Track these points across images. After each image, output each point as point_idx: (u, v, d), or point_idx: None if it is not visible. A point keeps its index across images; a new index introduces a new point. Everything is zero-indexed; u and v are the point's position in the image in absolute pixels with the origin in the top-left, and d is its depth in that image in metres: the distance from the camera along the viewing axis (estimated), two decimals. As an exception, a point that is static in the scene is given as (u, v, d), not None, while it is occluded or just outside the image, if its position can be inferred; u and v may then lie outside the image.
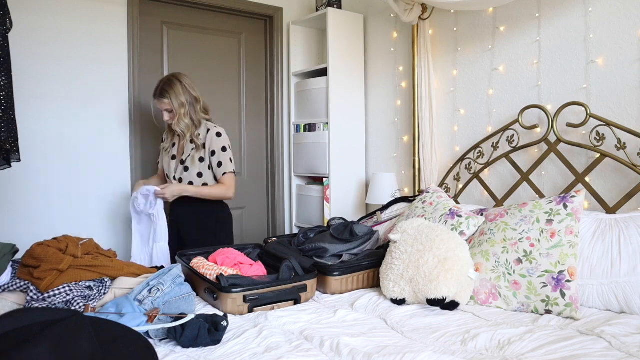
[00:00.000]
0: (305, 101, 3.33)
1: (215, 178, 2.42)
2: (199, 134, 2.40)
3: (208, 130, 2.41)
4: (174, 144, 2.49)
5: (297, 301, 1.75)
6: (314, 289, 1.82)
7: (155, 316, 1.45)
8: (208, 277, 1.73)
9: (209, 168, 2.40)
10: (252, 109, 3.43)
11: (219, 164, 2.39)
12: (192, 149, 2.40)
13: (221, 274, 1.70)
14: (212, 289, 1.67)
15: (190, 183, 2.40)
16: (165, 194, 2.30)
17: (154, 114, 2.58)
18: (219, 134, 2.41)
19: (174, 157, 2.46)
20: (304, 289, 1.75)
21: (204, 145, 2.39)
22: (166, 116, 2.37)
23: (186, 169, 2.40)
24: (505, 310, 1.70)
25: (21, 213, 2.58)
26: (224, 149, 2.40)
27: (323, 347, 1.35)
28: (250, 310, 1.65)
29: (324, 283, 1.88)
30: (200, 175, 2.40)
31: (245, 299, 1.63)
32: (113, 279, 1.69)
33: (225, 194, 2.40)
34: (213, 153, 2.39)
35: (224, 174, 2.40)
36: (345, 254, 2.03)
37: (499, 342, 1.38)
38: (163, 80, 2.38)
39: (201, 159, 2.39)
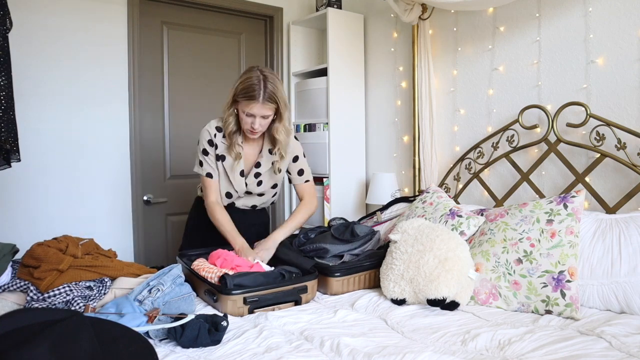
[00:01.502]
0: (305, 101, 3.33)
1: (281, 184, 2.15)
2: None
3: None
4: (238, 155, 2.04)
5: (297, 302, 1.75)
6: (315, 290, 1.81)
7: (155, 316, 1.45)
8: (209, 279, 1.73)
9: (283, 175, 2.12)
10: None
11: (300, 172, 2.13)
12: (274, 162, 2.06)
13: (225, 273, 1.69)
14: (212, 290, 1.67)
15: (261, 195, 2.15)
16: (262, 257, 1.94)
17: (227, 108, 1.98)
18: (296, 138, 2.12)
19: (242, 173, 2.07)
20: (304, 290, 1.75)
21: (283, 156, 2.06)
22: (258, 123, 1.91)
23: (260, 183, 2.10)
24: (506, 311, 1.70)
25: (21, 213, 2.58)
26: (304, 155, 2.14)
27: (323, 347, 1.35)
28: (251, 312, 1.65)
29: (325, 284, 1.88)
30: (274, 186, 2.14)
31: (245, 301, 1.63)
32: (113, 279, 1.69)
33: (311, 210, 2.14)
34: (296, 159, 2.12)
35: (307, 181, 2.15)
36: (346, 254, 2.02)
37: (499, 342, 1.38)
38: (261, 79, 1.87)
39: (278, 170, 2.08)
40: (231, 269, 1.79)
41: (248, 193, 2.12)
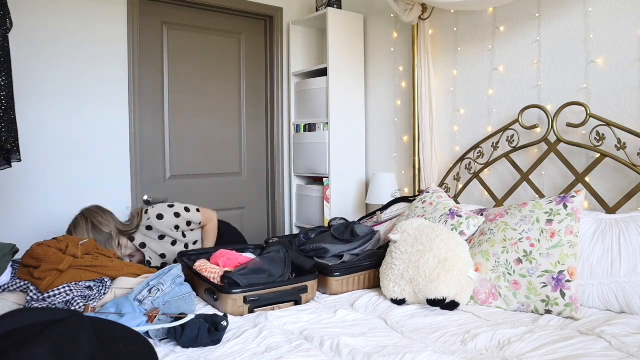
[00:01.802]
0: (305, 101, 3.33)
1: (184, 241, 2.33)
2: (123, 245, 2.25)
3: (149, 227, 2.25)
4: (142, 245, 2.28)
5: (297, 302, 1.75)
6: (315, 290, 1.82)
7: (155, 316, 1.45)
8: (211, 279, 1.73)
9: (173, 244, 2.28)
10: (252, 109, 3.43)
11: (174, 243, 2.29)
12: (140, 243, 2.25)
13: (227, 270, 1.70)
14: (212, 289, 1.67)
15: (163, 256, 2.29)
16: None
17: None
18: (158, 216, 2.24)
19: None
20: (304, 290, 1.75)
21: (150, 230, 2.25)
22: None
23: (163, 256, 2.28)
24: (505, 310, 1.70)
25: (21, 213, 2.58)
26: (177, 215, 2.27)
27: (323, 347, 1.35)
28: (251, 311, 1.65)
29: (325, 284, 1.88)
30: (163, 256, 2.28)
31: (245, 300, 1.63)
32: (113, 279, 1.69)
33: (212, 227, 2.35)
34: (177, 227, 2.26)
35: (200, 223, 2.32)
36: (346, 254, 2.02)
37: (499, 342, 1.38)
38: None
39: (161, 237, 2.26)
40: (235, 267, 1.79)
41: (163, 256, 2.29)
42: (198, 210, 2.33)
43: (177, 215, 2.26)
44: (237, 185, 3.36)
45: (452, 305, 1.66)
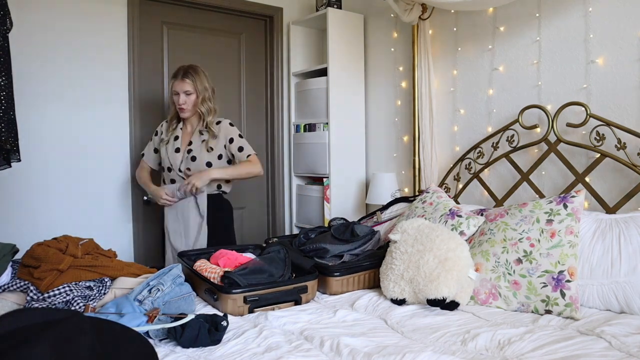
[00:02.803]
0: (305, 101, 3.33)
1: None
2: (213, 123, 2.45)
3: (218, 121, 2.46)
4: (176, 137, 2.46)
5: (297, 302, 1.75)
6: (315, 290, 1.82)
7: (155, 316, 1.45)
8: (211, 279, 1.72)
9: (219, 158, 2.41)
10: (252, 109, 3.43)
11: (240, 149, 2.42)
12: (203, 140, 2.41)
13: (227, 270, 1.70)
14: (212, 289, 1.67)
15: (209, 164, 2.41)
16: (193, 182, 2.28)
17: (171, 98, 2.47)
18: (231, 124, 2.47)
19: (177, 150, 2.44)
20: (304, 290, 1.75)
21: (214, 136, 2.41)
22: (182, 99, 2.36)
23: (193, 158, 2.40)
24: (505, 310, 1.70)
25: (21, 213, 2.58)
26: (240, 136, 2.45)
27: (323, 347, 1.35)
28: (251, 311, 1.65)
29: (325, 284, 1.88)
30: (209, 164, 2.39)
31: (245, 300, 1.63)
32: (113, 279, 1.69)
33: (253, 170, 2.42)
34: (231, 140, 2.42)
35: (248, 155, 2.43)
36: (346, 254, 2.02)
37: (499, 342, 1.38)
38: (184, 66, 2.41)
39: (210, 149, 2.40)
40: (234, 267, 1.79)
41: (188, 169, 2.40)
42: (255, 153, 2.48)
43: (240, 136, 2.46)
44: (237, 185, 3.36)
45: (452, 305, 1.66)
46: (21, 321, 0.86)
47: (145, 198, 2.98)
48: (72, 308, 1.51)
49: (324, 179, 3.19)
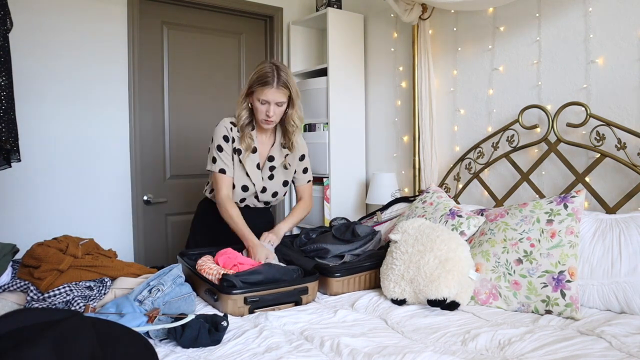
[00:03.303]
0: (305, 101, 3.33)
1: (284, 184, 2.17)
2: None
3: None
4: (254, 150, 2.09)
5: (298, 303, 1.75)
6: (315, 291, 1.81)
7: (156, 316, 1.45)
8: (209, 278, 1.73)
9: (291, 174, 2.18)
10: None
11: (305, 170, 2.20)
12: (286, 155, 2.13)
13: (225, 273, 1.69)
14: (213, 290, 1.67)
15: (275, 194, 2.17)
16: (273, 242, 2.04)
17: (242, 102, 2.04)
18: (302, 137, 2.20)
19: (258, 166, 2.10)
20: (305, 291, 1.75)
21: (292, 150, 2.14)
22: (272, 110, 1.97)
23: (272, 177, 2.13)
24: (506, 311, 1.70)
25: (21, 213, 2.58)
26: (308, 154, 2.22)
27: (323, 347, 1.35)
28: (251, 312, 1.65)
29: (325, 284, 1.88)
30: (285, 184, 2.17)
31: (246, 301, 1.63)
32: (113, 279, 1.69)
33: (309, 209, 2.22)
34: (302, 158, 2.19)
35: (308, 181, 2.21)
36: (347, 254, 2.02)
37: (499, 342, 1.38)
38: (272, 66, 1.98)
39: (288, 166, 2.16)
40: (233, 266, 1.78)
41: (263, 190, 2.12)
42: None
43: (308, 154, 2.21)
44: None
45: (453, 306, 1.66)
46: (21, 321, 0.86)
47: (145, 198, 2.98)
48: (72, 308, 1.51)
49: (324, 179, 3.19)
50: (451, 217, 2.06)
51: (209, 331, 1.37)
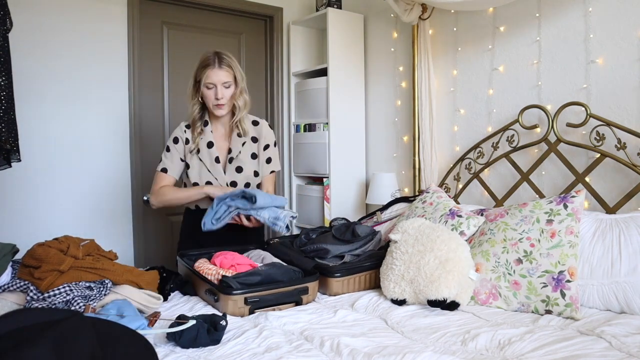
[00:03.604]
0: (305, 101, 3.33)
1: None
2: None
3: (255, 121, 2.13)
4: (210, 144, 2.06)
5: (298, 303, 1.75)
6: (316, 291, 1.81)
7: (156, 320, 1.45)
8: (208, 278, 1.73)
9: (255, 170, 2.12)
10: (252, 109, 3.40)
11: (268, 160, 2.12)
12: (244, 143, 2.07)
13: (224, 275, 1.69)
14: (213, 290, 1.67)
15: (247, 185, 2.10)
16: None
17: (192, 97, 2.04)
18: (270, 126, 2.16)
19: (217, 160, 2.06)
20: (305, 291, 1.74)
21: (254, 139, 2.09)
22: (220, 92, 1.96)
23: (239, 169, 2.06)
24: (506, 310, 1.69)
25: (21, 213, 2.58)
26: (275, 144, 2.15)
27: (323, 347, 1.35)
28: (251, 312, 1.65)
29: (326, 284, 1.88)
30: (256, 174, 2.10)
31: (246, 301, 1.62)
32: (114, 283, 1.68)
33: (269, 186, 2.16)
34: (266, 147, 2.11)
35: (272, 172, 2.14)
36: (347, 254, 2.02)
37: (499, 342, 1.38)
38: (213, 51, 2.00)
39: (254, 155, 2.09)
40: (230, 267, 1.79)
41: (233, 184, 2.09)
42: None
43: (275, 144, 2.15)
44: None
45: (453, 306, 1.66)
46: (21, 321, 0.86)
47: (145, 198, 2.98)
48: (72, 308, 1.51)
49: (324, 179, 3.19)
50: (451, 217, 2.06)
51: (208, 331, 1.37)
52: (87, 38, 2.72)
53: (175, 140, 2.08)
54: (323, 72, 3.19)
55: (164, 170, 2.07)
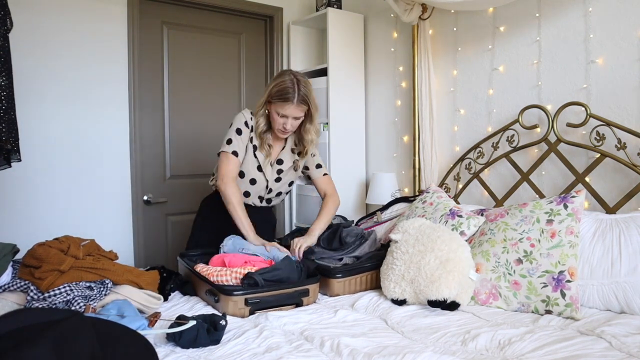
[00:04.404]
0: (305, 101, 3.33)
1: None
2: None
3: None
4: (269, 147, 2.14)
5: (299, 305, 1.74)
6: (317, 293, 1.81)
7: (156, 320, 1.45)
8: (225, 282, 1.71)
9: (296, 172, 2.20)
10: (252, 109, 3.42)
11: (318, 165, 2.22)
12: (295, 160, 2.17)
13: (249, 272, 1.69)
14: (214, 291, 1.67)
15: (279, 194, 2.22)
16: (302, 245, 2.00)
17: (260, 107, 2.06)
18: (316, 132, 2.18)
19: (259, 169, 2.12)
20: (306, 293, 1.74)
21: (299, 153, 2.16)
22: (290, 125, 2.01)
23: (279, 179, 2.16)
24: (506, 311, 1.70)
25: (21, 213, 2.58)
26: (317, 152, 2.24)
27: (323, 347, 1.35)
28: (252, 313, 1.65)
29: (327, 285, 1.87)
30: (291, 184, 2.22)
31: (246, 302, 1.62)
32: (114, 283, 1.68)
33: (337, 203, 2.21)
34: (313, 155, 2.22)
35: (325, 174, 2.23)
36: (346, 257, 2.02)
37: (500, 342, 1.38)
38: (294, 81, 1.97)
39: (297, 168, 2.19)
40: (244, 263, 1.77)
41: (269, 190, 2.15)
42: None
43: (312, 154, 2.20)
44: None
45: (453, 306, 1.66)
46: (21, 321, 0.86)
47: (145, 198, 2.98)
48: (72, 308, 1.51)
49: (324, 179, 3.18)
50: (451, 217, 2.06)
51: (208, 331, 1.37)
52: (87, 38, 2.72)
53: (246, 125, 2.08)
54: (323, 72, 3.19)
55: (235, 153, 2.05)
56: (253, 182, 2.12)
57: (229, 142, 2.07)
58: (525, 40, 2.35)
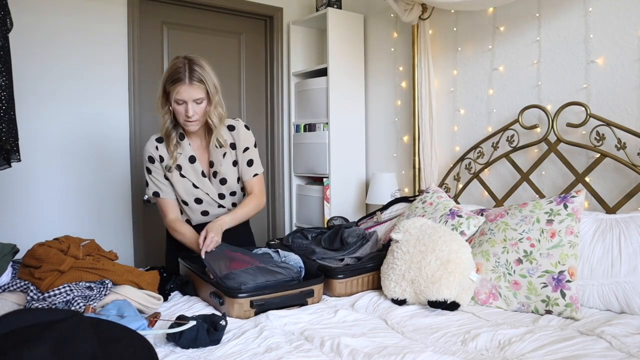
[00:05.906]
0: (305, 101, 3.33)
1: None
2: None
3: (230, 126, 1.99)
4: (192, 159, 1.94)
5: (303, 305, 1.74)
6: (321, 294, 1.80)
7: (156, 320, 1.45)
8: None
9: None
10: (252, 109, 3.43)
11: (250, 163, 1.99)
12: (224, 154, 1.95)
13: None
14: (218, 293, 1.66)
15: (233, 193, 2.04)
16: (216, 238, 1.80)
17: (162, 106, 1.88)
18: (247, 127, 2.01)
19: (203, 174, 1.96)
20: (310, 294, 1.74)
21: (233, 145, 1.97)
22: (192, 110, 1.80)
23: (223, 181, 1.96)
24: (506, 311, 1.70)
25: (21, 213, 2.58)
26: (255, 145, 2.01)
27: (323, 347, 1.35)
28: (257, 315, 1.64)
29: (329, 286, 1.87)
30: (239, 180, 2.02)
31: (252, 304, 1.62)
32: (115, 283, 1.68)
33: (260, 206, 2.02)
34: (246, 149, 1.98)
35: (255, 175, 2.01)
36: (347, 257, 2.02)
37: (500, 342, 1.38)
38: (182, 60, 1.80)
39: (234, 163, 1.98)
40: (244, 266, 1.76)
41: (221, 196, 2.01)
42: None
43: (255, 145, 2.01)
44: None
45: (453, 306, 1.66)
46: (21, 321, 0.86)
47: (145, 198, 2.98)
48: (72, 308, 1.51)
49: (324, 179, 3.19)
50: (451, 217, 2.06)
51: (208, 331, 1.37)
52: (87, 38, 2.72)
53: (151, 160, 1.96)
54: (323, 72, 3.19)
55: (156, 194, 1.98)
56: (199, 201, 1.98)
57: (147, 184, 1.99)
58: (525, 40, 2.35)
